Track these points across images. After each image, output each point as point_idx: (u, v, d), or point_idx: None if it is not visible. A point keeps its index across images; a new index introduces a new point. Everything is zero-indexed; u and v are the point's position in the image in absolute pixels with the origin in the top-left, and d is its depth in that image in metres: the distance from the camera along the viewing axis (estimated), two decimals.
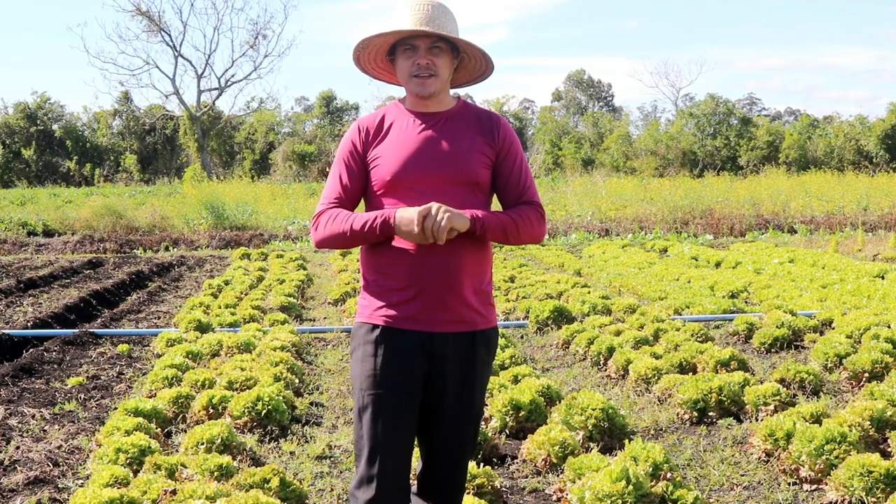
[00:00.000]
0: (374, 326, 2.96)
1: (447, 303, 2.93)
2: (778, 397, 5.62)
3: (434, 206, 2.81)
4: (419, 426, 3.03)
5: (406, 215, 2.82)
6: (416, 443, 3.05)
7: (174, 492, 3.99)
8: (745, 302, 10.22)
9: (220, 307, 9.89)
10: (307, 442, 5.36)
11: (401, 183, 2.93)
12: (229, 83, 53.11)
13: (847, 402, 5.94)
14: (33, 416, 5.81)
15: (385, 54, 3.05)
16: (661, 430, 5.55)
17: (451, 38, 2.93)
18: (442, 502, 3.11)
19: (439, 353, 2.94)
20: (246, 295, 11.08)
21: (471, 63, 3.10)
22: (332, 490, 4.55)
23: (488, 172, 3.02)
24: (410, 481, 3.08)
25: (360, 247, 3.04)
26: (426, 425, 3.02)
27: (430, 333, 2.93)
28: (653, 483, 4.07)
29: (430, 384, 2.97)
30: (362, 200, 3.12)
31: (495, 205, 3.15)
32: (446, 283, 2.92)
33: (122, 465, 4.46)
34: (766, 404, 5.59)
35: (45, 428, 5.58)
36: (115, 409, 5.87)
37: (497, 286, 11.43)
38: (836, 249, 15.25)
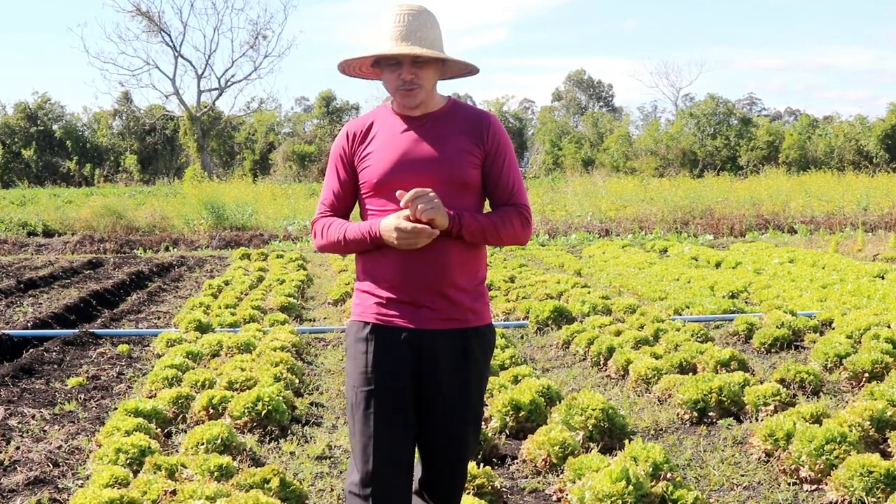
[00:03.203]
0: (366, 324, 2.99)
1: (435, 300, 2.94)
2: (778, 397, 5.62)
3: (416, 193, 2.82)
4: (418, 426, 3.02)
5: (387, 223, 2.88)
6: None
7: (174, 492, 3.99)
8: (745, 302, 10.22)
9: (220, 307, 9.89)
10: (307, 442, 5.36)
11: (388, 185, 2.95)
12: (229, 83, 53.13)
13: (847, 402, 5.94)
14: (33, 417, 5.81)
15: (370, 65, 3.06)
16: (661, 430, 5.55)
17: (432, 55, 2.92)
18: (441, 503, 3.11)
19: (429, 351, 2.95)
20: (246, 295, 11.08)
21: (457, 64, 3.09)
22: (332, 490, 4.56)
23: (477, 172, 3.02)
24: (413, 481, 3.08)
25: None
26: (423, 425, 3.01)
27: (419, 331, 2.95)
28: (653, 483, 4.07)
29: (423, 383, 2.97)
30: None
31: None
32: (434, 281, 2.93)
33: (122, 465, 4.46)
34: (766, 404, 5.59)
35: (45, 428, 5.58)
36: (115, 409, 5.87)
37: (497, 286, 11.43)
38: (836, 249, 15.24)
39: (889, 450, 4.83)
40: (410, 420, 2.96)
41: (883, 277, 11.37)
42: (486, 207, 3.14)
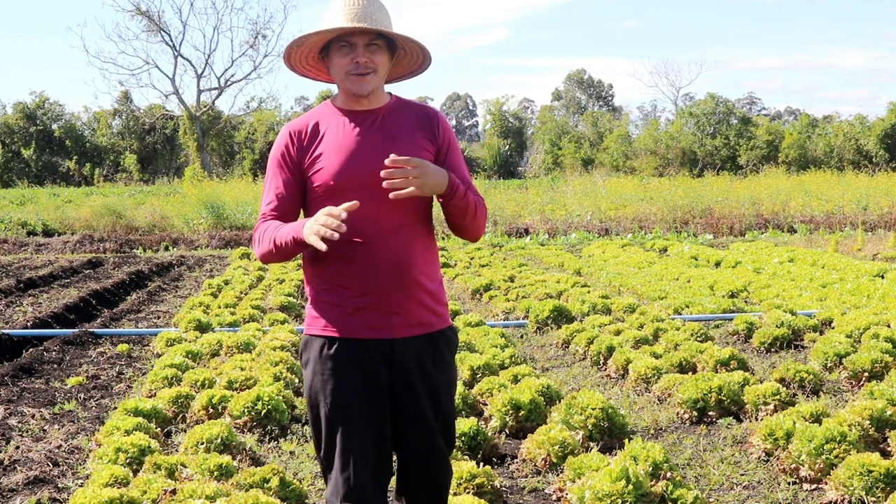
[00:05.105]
0: (332, 340, 2.88)
1: (404, 306, 2.87)
2: (778, 397, 5.62)
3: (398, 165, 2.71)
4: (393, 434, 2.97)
5: (310, 223, 2.71)
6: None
7: (174, 491, 3.99)
8: (745, 301, 10.22)
9: (219, 307, 9.89)
10: (307, 442, 5.35)
11: (344, 185, 2.83)
12: (229, 83, 53.15)
13: (847, 401, 5.94)
14: (33, 416, 5.81)
15: (317, 52, 2.96)
16: (661, 429, 5.55)
17: (391, 33, 2.85)
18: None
19: (401, 359, 2.88)
20: (246, 294, 11.08)
21: (406, 58, 3.01)
22: None
23: None
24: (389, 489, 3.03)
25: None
26: (398, 431, 2.95)
27: (390, 340, 2.87)
28: (653, 482, 4.07)
29: (396, 390, 2.91)
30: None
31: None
32: (401, 285, 2.86)
33: (121, 464, 4.46)
34: (765, 404, 5.59)
35: (45, 428, 5.58)
36: (115, 408, 5.87)
37: (497, 286, 11.43)
38: (835, 249, 15.24)
39: (889, 449, 4.82)
40: (388, 431, 2.91)
41: (882, 277, 11.37)
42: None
